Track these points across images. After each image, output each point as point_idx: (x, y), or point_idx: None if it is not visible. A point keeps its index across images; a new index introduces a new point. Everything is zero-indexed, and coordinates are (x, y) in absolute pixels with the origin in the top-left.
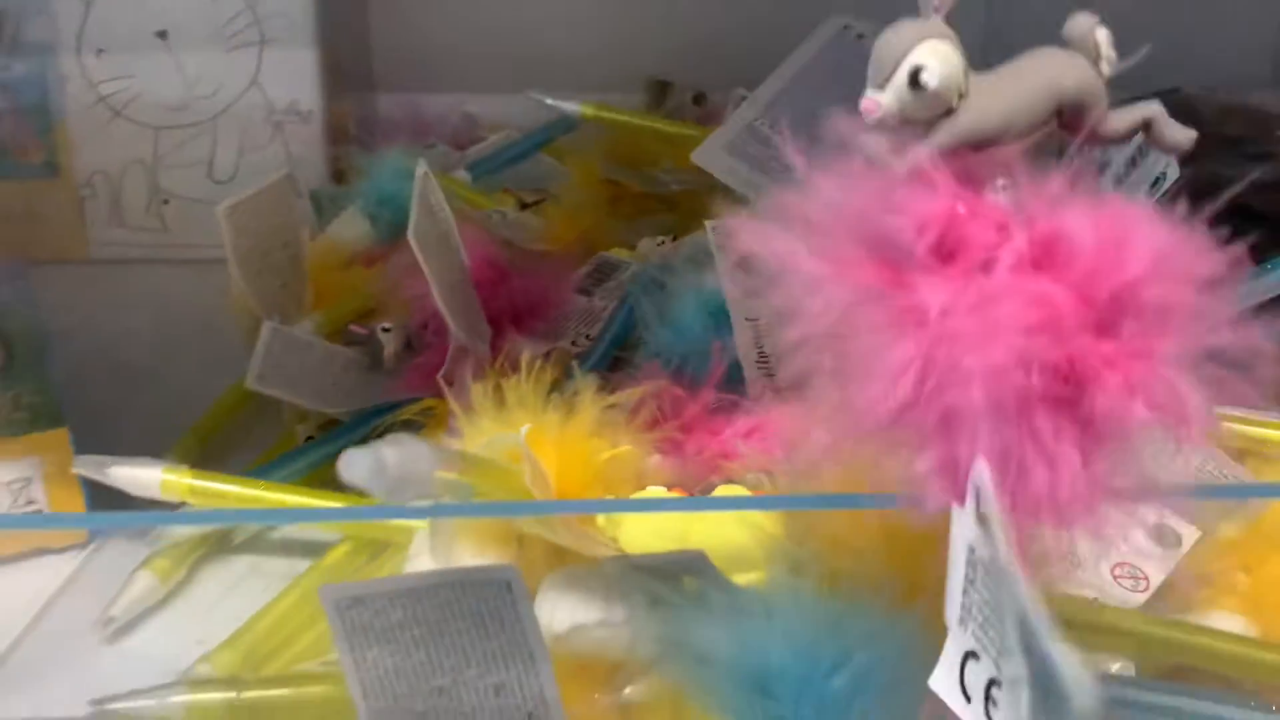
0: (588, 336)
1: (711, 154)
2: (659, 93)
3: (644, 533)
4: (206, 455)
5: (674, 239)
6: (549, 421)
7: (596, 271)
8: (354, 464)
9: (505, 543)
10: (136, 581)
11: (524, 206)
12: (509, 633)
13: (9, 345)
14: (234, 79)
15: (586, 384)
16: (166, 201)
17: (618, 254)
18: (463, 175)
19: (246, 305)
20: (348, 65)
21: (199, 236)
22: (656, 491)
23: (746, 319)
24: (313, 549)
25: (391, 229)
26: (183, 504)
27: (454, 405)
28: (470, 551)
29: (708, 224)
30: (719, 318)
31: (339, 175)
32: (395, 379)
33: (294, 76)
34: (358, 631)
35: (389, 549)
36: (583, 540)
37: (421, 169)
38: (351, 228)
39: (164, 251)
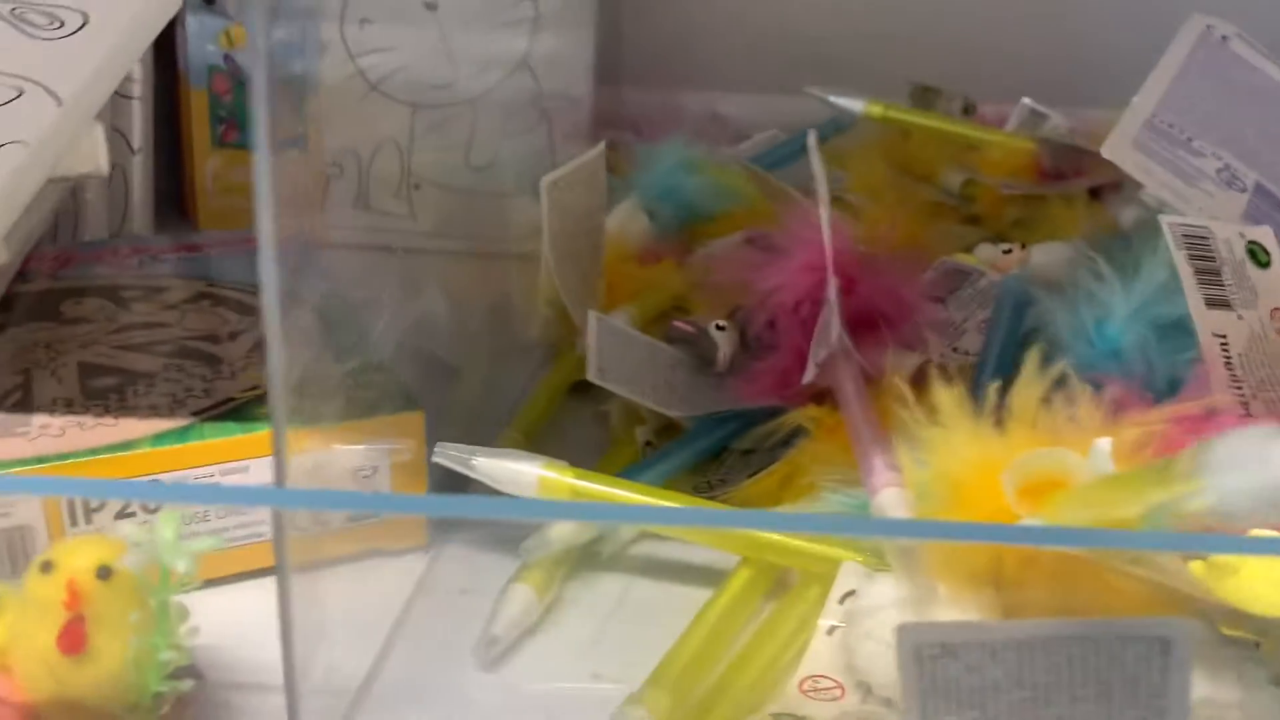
0: (954, 349)
1: (1121, 149)
2: (924, 99)
3: (1268, 583)
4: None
5: (1022, 247)
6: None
7: (944, 279)
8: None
9: (979, 579)
10: (514, 597)
11: None
12: (1145, 708)
13: (324, 317)
14: (502, 59)
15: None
16: (417, 186)
17: (962, 259)
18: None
19: (551, 292)
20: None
21: (448, 226)
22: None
23: (1214, 334)
24: (686, 571)
25: (675, 223)
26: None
27: (910, 412)
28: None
29: (1164, 221)
30: (1160, 331)
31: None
32: (731, 382)
33: (568, 60)
34: (939, 689)
35: (804, 580)
36: (1181, 580)
37: (811, 138)
38: (629, 221)
39: (408, 240)
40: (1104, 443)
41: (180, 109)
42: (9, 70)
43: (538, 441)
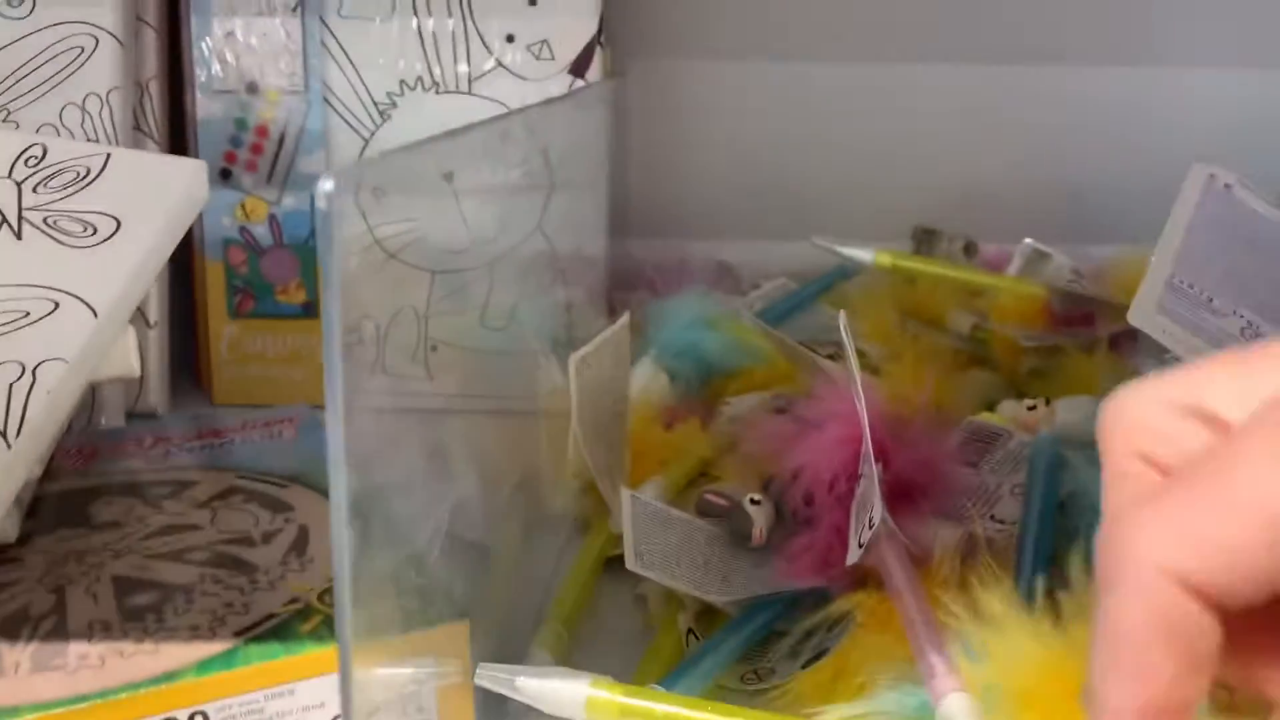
0: (992, 517)
1: (1146, 314)
2: (926, 241)
3: None
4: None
5: (1046, 402)
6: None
7: (974, 441)
8: None
9: None
10: None
11: (833, 359)
12: None
13: (363, 514)
14: (518, 223)
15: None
16: (434, 348)
17: (988, 419)
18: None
19: (580, 466)
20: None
21: (465, 386)
22: None
23: None
24: None
25: (695, 381)
26: None
27: (958, 615)
28: None
29: None
30: None
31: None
32: (770, 559)
33: (582, 222)
34: None
35: None
36: None
37: (843, 318)
38: (650, 381)
39: (426, 401)
40: None
41: (194, 280)
42: (45, 283)
43: (577, 633)
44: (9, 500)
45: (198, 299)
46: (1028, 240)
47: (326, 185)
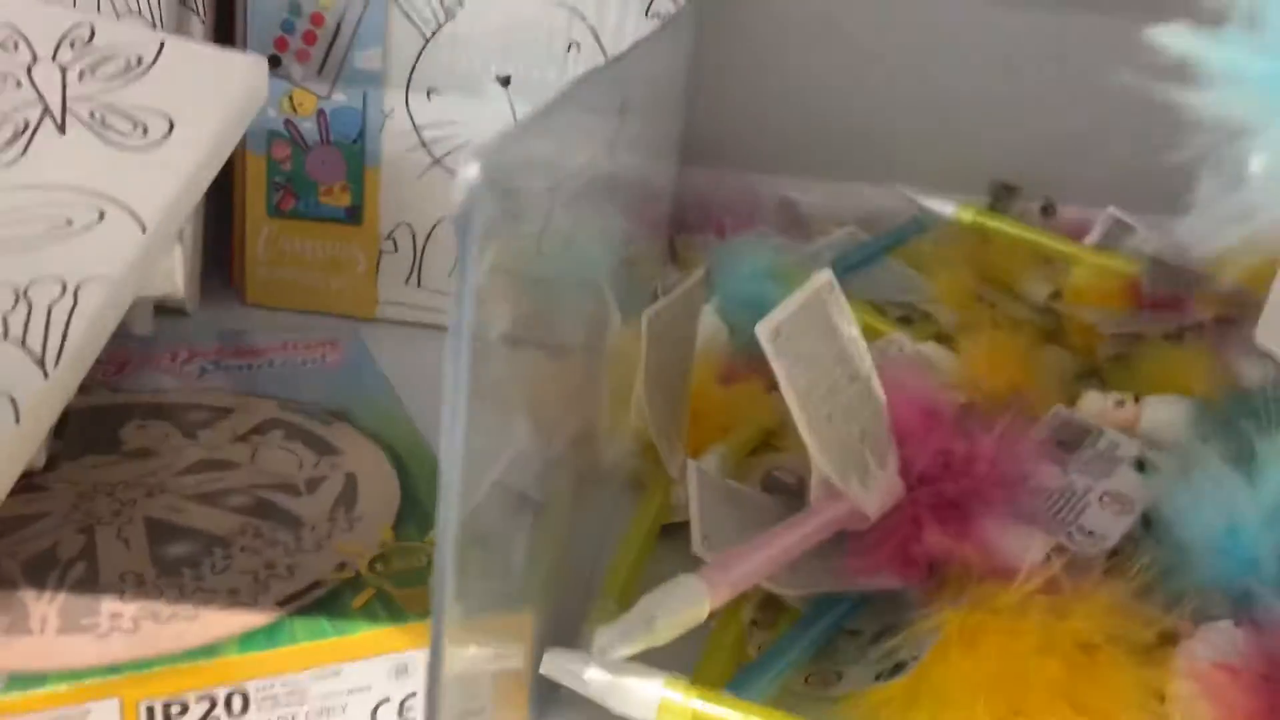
0: (1081, 528)
1: (1275, 333)
2: (1002, 196)
3: None
4: None
5: (1135, 399)
6: None
7: (1062, 436)
8: None
9: None
10: None
11: (904, 321)
12: None
13: (403, 471)
14: (581, 144)
15: None
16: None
17: (1076, 413)
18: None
19: (640, 426)
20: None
21: (518, 317)
22: None
23: None
24: None
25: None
26: None
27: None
28: None
29: None
30: None
31: (679, 261)
32: (841, 554)
33: (652, 148)
34: None
35: None
36: None
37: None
38: (711, 335)
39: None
40: None
41: (234, 174)
42: (90, 186)
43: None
44: (44, 434)
45: (235, 192)
46: (1111, 209)
47: (470, 172)
